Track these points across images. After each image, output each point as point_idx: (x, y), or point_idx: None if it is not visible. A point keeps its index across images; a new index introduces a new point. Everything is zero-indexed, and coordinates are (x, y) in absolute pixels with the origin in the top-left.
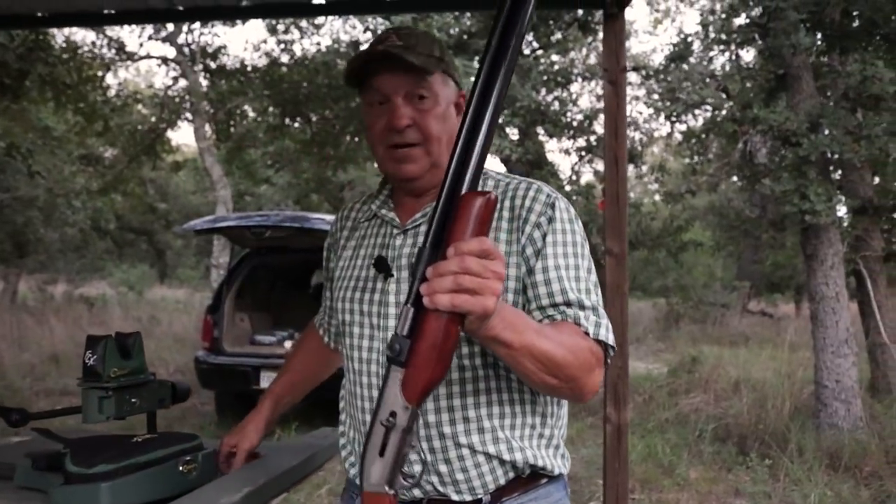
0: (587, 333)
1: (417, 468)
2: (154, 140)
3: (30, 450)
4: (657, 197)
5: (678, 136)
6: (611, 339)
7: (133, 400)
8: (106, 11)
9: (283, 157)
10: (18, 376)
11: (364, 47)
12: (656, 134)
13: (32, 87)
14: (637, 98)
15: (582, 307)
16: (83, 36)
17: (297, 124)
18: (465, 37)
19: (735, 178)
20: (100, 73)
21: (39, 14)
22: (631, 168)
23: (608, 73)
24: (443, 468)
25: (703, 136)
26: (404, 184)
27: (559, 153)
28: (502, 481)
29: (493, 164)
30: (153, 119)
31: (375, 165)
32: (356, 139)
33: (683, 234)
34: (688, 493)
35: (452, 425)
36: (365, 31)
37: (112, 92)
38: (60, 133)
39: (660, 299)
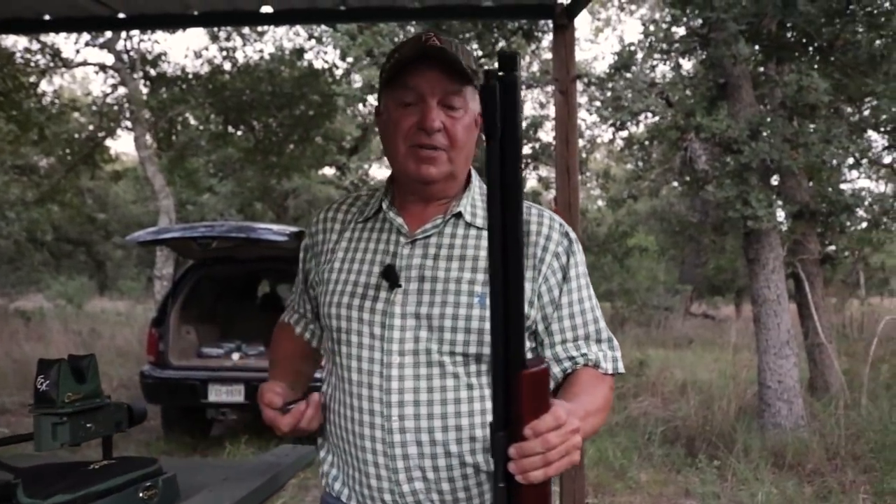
0: (605, 373)
1: (419, 485)
2: (92, 149)
3: None
4: (600, 202)
5: (620, 143)
6: (621, 368)
7: (88, 425)
8: (46, 17)
9: (226, 165)
10: None
11: (307, 55)
12: (598, 140)
13: None
14: (580, 105)
15: (599, 341)
16: (14, 41)
17: (240, 132)
18: None
19: (676, 184)
20: (34, 80)
21: None
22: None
23: (559, 83)
24: (445, 486)
25: (647, 142)
26: (420, 186)
27: None
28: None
29: None
30: (91, 127)
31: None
32: (302, 146)
33: (628, 239)
34: (640, 495)
35: (458, 444)
36: (309, 39)
37: (48, 99)
38: None
39: (605, 303)
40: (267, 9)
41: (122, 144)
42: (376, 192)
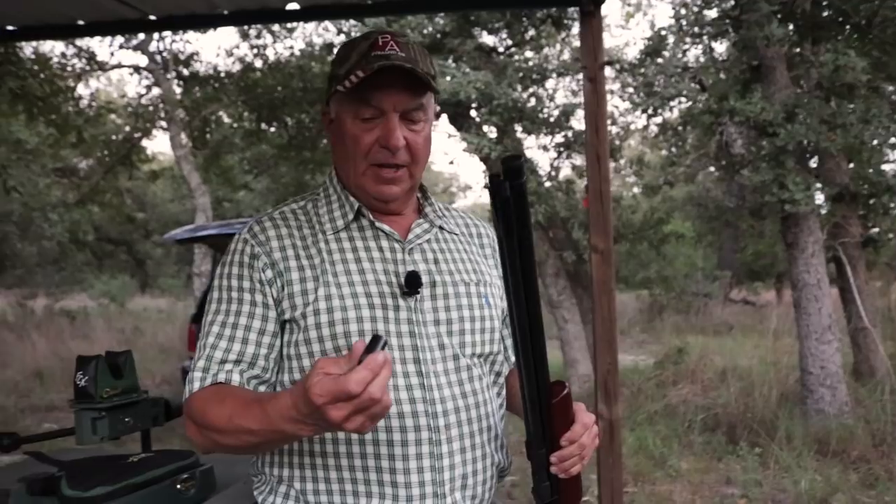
0: None
1: (459, 494)
2: (129, 150)
3: (22, 474)
4: (636, 190)
5: (654, 129)
6: None
7: (126, 419)
8: (79, 23)
9: (260, 162)
10: (2, 394)
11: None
12: (633, 127)
13: (2, 100)
14: (612, 92)
15: None
16: (52, 47)
17: (273, 129)
18: (439, 36)
19: (712, 169)
20: (71, 84)
21: (10, 28)
22: (610, 162)
23: (587, 70)
24: (479, 489)
25: (680, 128)
26: (379, 203)
27: (537, 149)
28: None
29: (472, 162)
30: (127, 128)
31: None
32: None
33: (664, 226)
34: (680, 483)
35: (490, 444)
36: (338, 34)
37: (84, 102)
38: (33, 146)
39: (643, 291)
40: (293, 6)
41: (159, 144)
42: (318, 202)
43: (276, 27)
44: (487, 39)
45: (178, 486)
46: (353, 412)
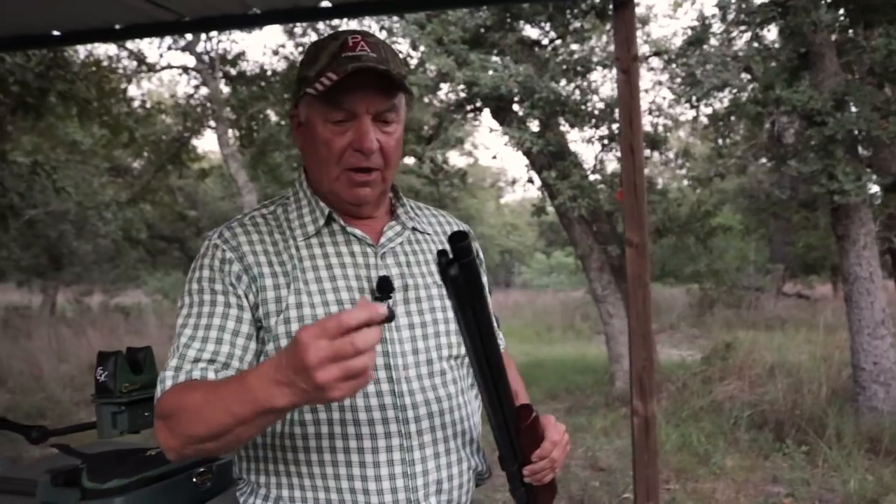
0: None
1: (434, 499)
2: (178, 149)
3: (51, 465)
4: (686, 182)
5: (704, 120)
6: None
7: (146, 414)
8: (117, 27)
9: (299, 161)
10: (59, 387)
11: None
12: (682, 118)
13: (57, 103)
14: (661, 83)
15: (497, 330)
16: (106, 49)
17: None
18: (482, 30)
19: (764, 160)
20: (122, 86)
21: (54, 33)
22: (656, 154)
23: (620, 62)
24: (455, 494)
25: (727, 119)
26: (351, 207)
27: (582, 143)
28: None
29: (514, 157)
30: (177, 128)
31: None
32: None
33: (711, 218)
34: (724, 481)
35: (465, 448)
36: (380, 31)
37: (136, 103)
38: (88, 147)
39: (693, 285)
40: (325, 3)
41: (208, 143)
42: (288, 207)
43: (320, 25)
44: (531, 32)
45: (195, 480)
46: (332, 357)
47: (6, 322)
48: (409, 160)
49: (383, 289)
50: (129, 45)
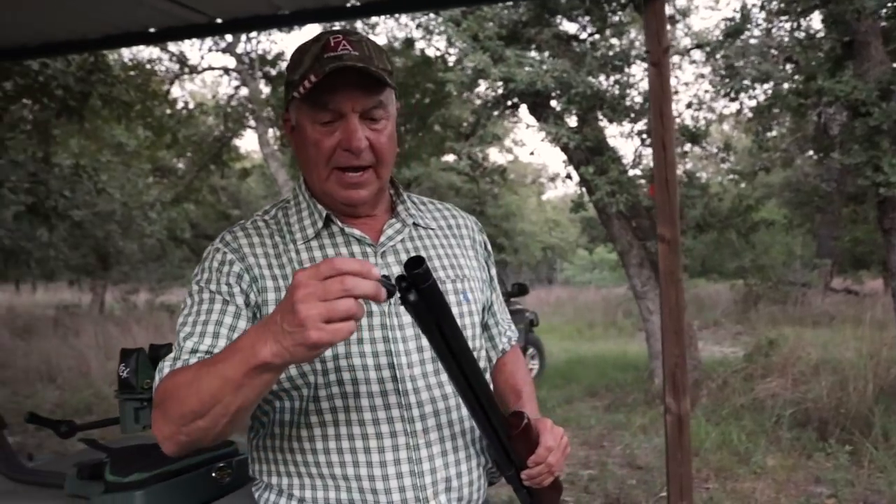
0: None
1: (443, 497)
2: (220, 149)
3: (79, 460)
4: (731, 176)
5: (749, 114)
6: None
7: None
8: (151, 30)
9: None
10: (105, 384)
11: (419, 44)
12: (726, 111)
13: (103, 106)
14: (703, 76)
15: (510, 325)
16: (150, 52)
17: None
18: (519, 26)
19: (812, 153)
20: (165, 88)
21: (93, 38)
22: (697, 148)
23: (651, 55)
24: (465, 491)
25: (768, 111)
26: (347, 208)
27: (620, 138)
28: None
29: (552, 152)
30: (219, 128)
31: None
32: (420, 134)
33: (754, 213)
34: (765, 481)
35: (474, 445)
36: (417, 28)
37: (179, 105)
38: (132, 148)
39: (737, 281)
40: (354, 2)
41: (250, 143)
42: (288, 211)
43: (358, 24)
44: (568, 27)
45: (214, 475)
46: (319, 294)
47: (56, 321)
48: (449, 157)
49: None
50: (172, 47)
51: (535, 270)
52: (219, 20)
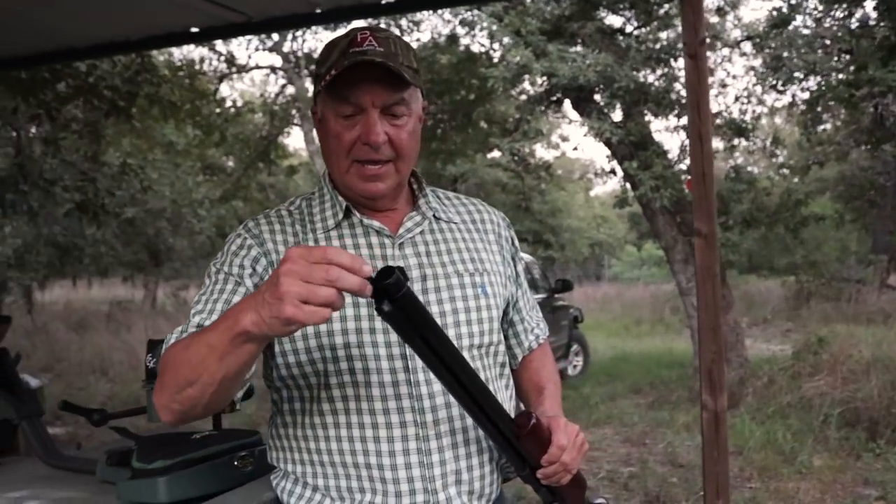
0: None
1: (453, 490)
2: (267, 146)
3: (114, 447)
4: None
5: (802, 106)
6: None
7: None
8: (193, 30)
9: None
10: None
11: (464, 40)
12: (778, 104)
13: (150, 106)
14: (752, 69)
15: (534, 307)
16: (200, 52)
17: None
18: (562, 20)
19: (869, 146)
20: (212, 87)
21: (135, 39)
22: (744, 142)
23: (687, 46)
24: (477, 485)
25: (817, 103)
26: (366, 201)
27: (666, 132)
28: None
29: (595, 147)
30: (266, 127)
31: (491, 155)
32: (469, 131)
33: (803, 207)
34: (810, 481)
35: (487, 439)
36: (460, 24)
37: (228, 103)
38: (182, 147)
39: (789, 277)
40: None
41: (297, 140)
42: (312, 202)
43: (403, 21)
44: (613, 21)
45: (236, 463)
46: (303, 275)
47: (109, 316)
48: (496, 154)
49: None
50: (220, 47)
51: (582, 267)
52: (256, 19)
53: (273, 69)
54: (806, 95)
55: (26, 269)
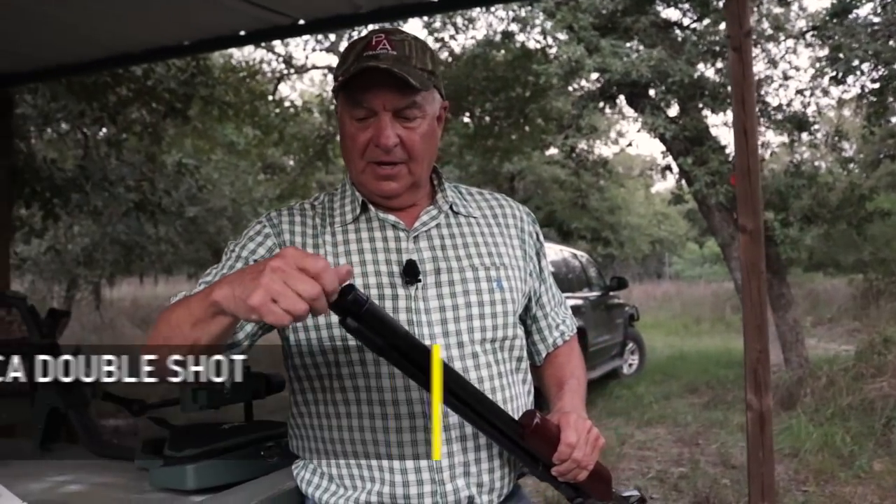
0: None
1: (461, 481)
2: (324, 145)
3: (149, 436)
4: (850, 165)
5: (872, 97)
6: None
7: (225, 392)
8: (241, 33)
9: (446, 152)
10: None
11: (519, 37)
12: (846, 96)
13: (205, 107)
14: (819, 60)
15: (561, 303)
16: (261, 55)
17: (466, 118)
18: (616, 15)
19: None
20: (270, 88)
21: (186, 43)
22: (805, 136)
23: (732, 39)
24: (486, 478)
25: (880, 94)
26: (381, 200)
27: (724, 127)
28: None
29: (648, 142)
30: (324, 126)
31: (550, 153)
32: (525, 128)
33: (868, 203)
34: (869, 486)
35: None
36: (513, 21)
37: (287, 104)
38: (242, 147)
39: (857, 275)
40: None
41: None
42: (334, 197)
43: (458, 19)
44: (669, 14)
45: (262, 453)
46: (284, 275)
47: None
48: (553, 151)
49: (407, 273)
50: (279, 48)
51: (643, 265)
52: (302, 21)
53: (330, 69)
54: (876, 86)
55: (94, 266)
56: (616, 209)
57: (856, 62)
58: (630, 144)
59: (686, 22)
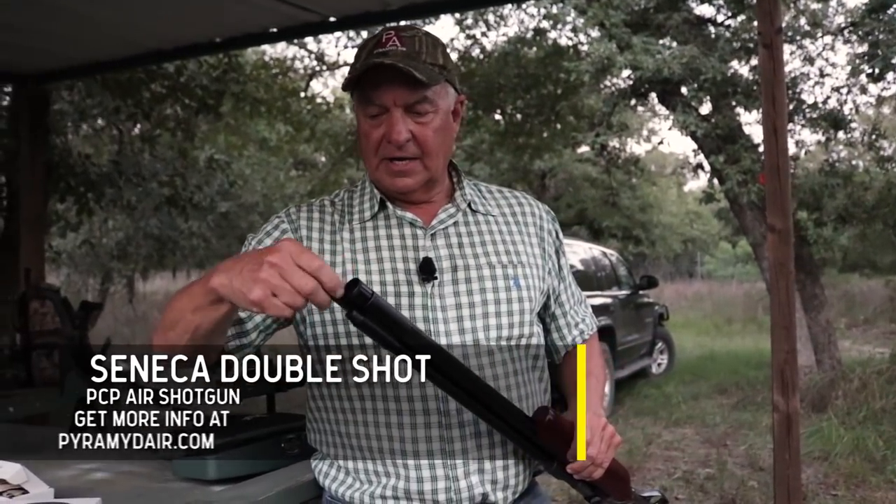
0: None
1: (475, 478)
2: (355, 142)
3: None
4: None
5: None
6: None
7: (247, 385)
8: (272, 30)
9: (477, 149)
10: None
11: (551, 34)
12: (886, 93)
13: (237, 103)
14: (858, 56)
15: (582, 301)
16: (294, 52)
17: (497, 116)
18: (649, 11)
19: None
20: (302, 84)
21: (217, 40)
22: (841, 134)
23: (762, 36)
24: (500, 475)
25: None
26: (398, 196)
27: (757, 125)
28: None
29: (680, 140)
30: (354, 122)
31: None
32: (556, 125)
33: None
34: None
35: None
36: (544, 18)
37: (318, 100)
38: (274, 143)
39: (894, 277)
40: None
41: None
42: (354, 194)
43: (490, 16)
44: (703, 10)
45: (283, 445)
46: (283, 270)
47: None
48: (585, 148)
49: (423, 270)
50: (312, 45)
51: (674, 264)
52: (332, 18)
53: None
54: None
55: (128, 260)
56: (648, 207)
57: (894, 59)
58: (662, 142)
59: (720, 18)
